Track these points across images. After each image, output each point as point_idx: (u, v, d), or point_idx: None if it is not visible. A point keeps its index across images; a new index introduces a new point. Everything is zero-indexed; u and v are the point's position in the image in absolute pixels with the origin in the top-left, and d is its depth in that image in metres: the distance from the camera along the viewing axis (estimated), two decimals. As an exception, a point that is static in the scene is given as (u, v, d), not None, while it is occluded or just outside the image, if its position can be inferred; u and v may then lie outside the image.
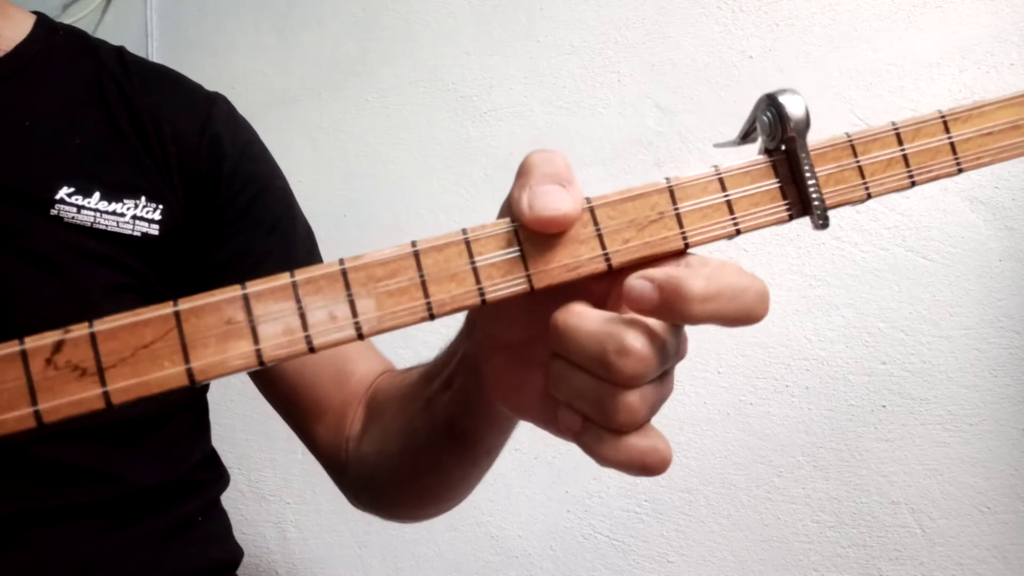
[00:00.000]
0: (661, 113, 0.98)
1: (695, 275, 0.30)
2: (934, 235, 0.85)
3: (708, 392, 0.93)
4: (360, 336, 0.30)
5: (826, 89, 0.90)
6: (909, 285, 0.86)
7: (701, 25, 0.96)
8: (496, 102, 1.07)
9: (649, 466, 0.32)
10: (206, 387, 0.70)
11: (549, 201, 0.31)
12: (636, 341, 0.30)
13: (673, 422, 0.93)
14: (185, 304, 0.29)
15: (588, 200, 0.33)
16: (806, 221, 0.34)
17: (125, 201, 0.60)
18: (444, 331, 1.21)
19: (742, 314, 0.31)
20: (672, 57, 0.97)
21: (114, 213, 0.59)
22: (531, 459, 1.00)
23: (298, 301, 0.30)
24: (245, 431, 1.18)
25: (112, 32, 1.33)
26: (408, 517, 0.63)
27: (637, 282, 0.31)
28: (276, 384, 0.65)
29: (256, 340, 0.29)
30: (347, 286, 0.30)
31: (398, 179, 1.12)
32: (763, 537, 0.90)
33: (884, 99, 0.88)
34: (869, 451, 0.87)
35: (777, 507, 0.90)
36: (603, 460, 0.32)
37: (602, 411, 0.31)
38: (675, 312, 0.30)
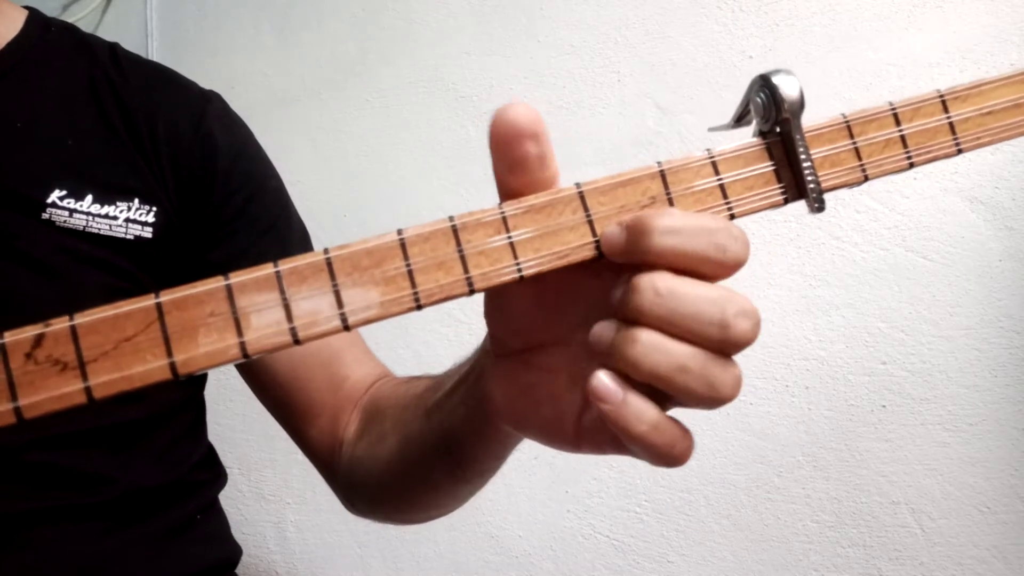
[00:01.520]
0: (661, 113, 0.98)
1: (664, 212, 0.30)
2: (934, 235, 0.85)
3: (708, 392, 0.93)
4: (346, 327, 0.29)
5: (826, 89, 0.90)
6: (909, 285, 0.86)
7: (701, 25, 0.96)
8: (496, 102, 1.07)
9: (678, 453, 0.31)
10: (202, 385, 0.70)
11: (502, 111, 0.32)
12: (749, 304, 0.30)
13: (673, 422, 0.93)
14: (167, 296, 0.28)
15: (578, 186, 0.32)
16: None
17: (118, 203, 0.59)
18: (443, 331, 1.20)
19: (713, 249, 0.30)
20: (672, 57, 0.97)
21: (106, 216, 0.58)
22: (531, 459, 1.00)
23: (282, 292, 0.29)
24: (245, 431, 1.18)
25: (112, 32, 1.33)
26: (397, 521, 0.63)
27: (609, 228, 0.31)
28: (269, 387, 0.64)
29: (240, 332, 0.29)
30: (332, 276, 0.30)
31: (398, 179, 1.12)
32: (763, 537, 0.90)
33: (884, 99, 0.88)
34: (869, 451, 0.86)
35: (777, 507, 0.90)
36: (637, 437, 0.30)
37: (710, 383, 0.30)
38: (639, 247, 0.30)
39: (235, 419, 1.18)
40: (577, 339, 0.32)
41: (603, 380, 0.31)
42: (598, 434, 0.35)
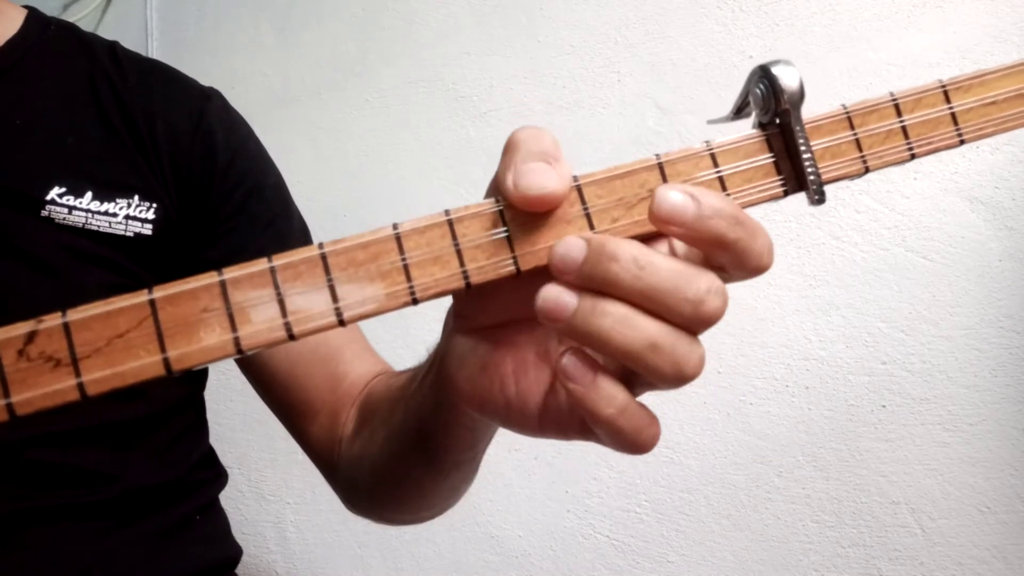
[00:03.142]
0: (661, 113, 0.97)
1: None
2: (934, 235, 0.85)
3: (708, 392, 0.93)
4: (341, 322, 0.29)
5: (826, 89, 0.89)
6: (909, 285, 0.86)
7: (701, 25, 0.96)
8: (496, 102, 1.07)
9: (644, 440, 0.30)
10: (202, 384, 0.70)
11: (535, 179, 0.30)
12: (719, 280, 0.29)
13: (673, 422, 0.93)
14: (160, 292, 0.28)
15: (575, 178, 0.31)
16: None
17: (118, 201, 0.59)
18: (444, 331, 1.19)
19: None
20: (672, 57, 0.97)
21: (106, 213, 0.58)
22: (531, 459, 1.00)
23: (277, 287, 0.29)
24: (245, 431, 1.18)
25: (112, 31, 1.33)
26: (393, 521, 0.63)
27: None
28: (269, 385, 0.64)
29: (234, 328, 0.28)
30: (327, 271, 0.29)
31: (398, 179, 1.12)
32: (763, 537, 0.90)
33: (884, 99, 0.88)
34: (869, 451, 0.86)
35: (777, 507, 0.90)
36: (605, 420, 0.30)
37: (676, 361, 0.28)
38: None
39: (235, 419, 1.18)
40: None
41: (573, 360, 0.30)
42: (565, 418, 0.34)
